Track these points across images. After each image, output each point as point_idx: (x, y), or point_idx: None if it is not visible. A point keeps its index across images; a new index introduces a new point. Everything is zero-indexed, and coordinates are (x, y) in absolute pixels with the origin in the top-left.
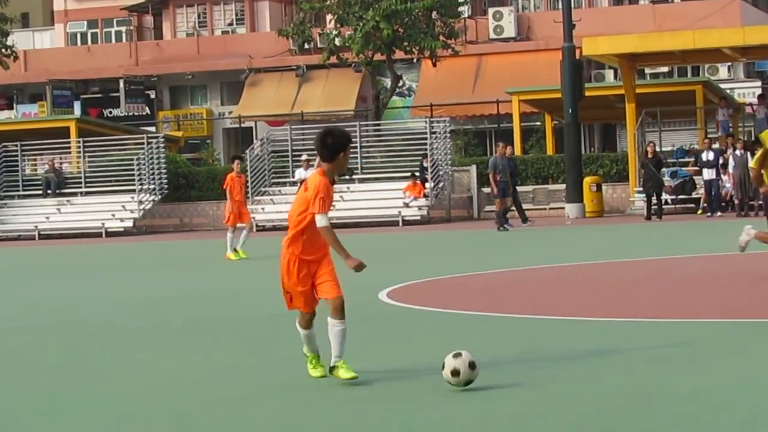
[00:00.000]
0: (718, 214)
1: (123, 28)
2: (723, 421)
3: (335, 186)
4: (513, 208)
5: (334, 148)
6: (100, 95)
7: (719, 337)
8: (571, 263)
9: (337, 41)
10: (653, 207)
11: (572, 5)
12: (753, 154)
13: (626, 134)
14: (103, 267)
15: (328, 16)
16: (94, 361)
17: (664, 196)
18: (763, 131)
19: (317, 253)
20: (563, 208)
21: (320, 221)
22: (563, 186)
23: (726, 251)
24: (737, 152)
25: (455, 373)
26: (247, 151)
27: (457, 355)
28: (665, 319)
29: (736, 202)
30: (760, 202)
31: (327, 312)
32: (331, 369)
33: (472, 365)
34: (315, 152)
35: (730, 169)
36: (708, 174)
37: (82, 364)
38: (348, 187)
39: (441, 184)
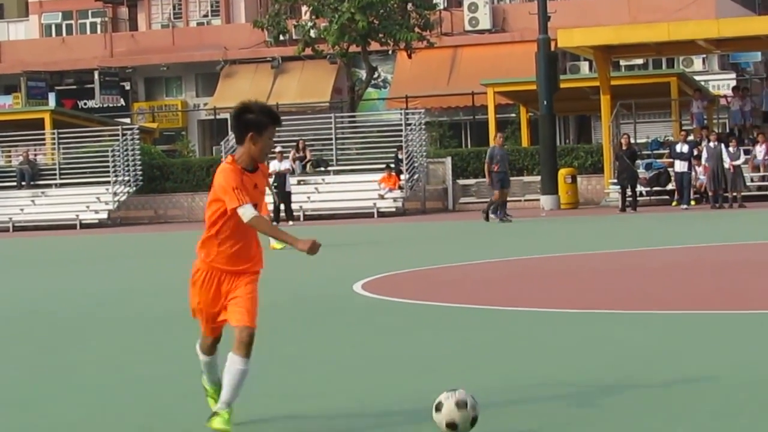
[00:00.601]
0: (685, 206)
1: (98, 20)
2: (696, 410)
3: (312, 177)
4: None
5: (245, 125)
6: (74, 87)
7: (692, 328)
8: (546, 255)
9: (312, 33)
10: (628, 199)
11: None
12: (727, 146)
13: (601, 126)
14: (78, 259)
15: (303, 8)
16: (67, 352)
17: (639, 188)
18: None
19: (240, 264)
20: (538, 199)
21: (244, 214)
22: (538, 178)
23: (700, 242)
24: (711, 144)
25: (452, 426)
26: (222, 143)
27: (461, 407)
28: (639, 310)
29: (710, 194)
30: (734, 193)
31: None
32: (211, 415)
33: (474, 422)
34: (291, 144)
35: (704, 161)
36: (680, 166)
37: (54, 356)
38: (323, 179)
39: (416, 176)
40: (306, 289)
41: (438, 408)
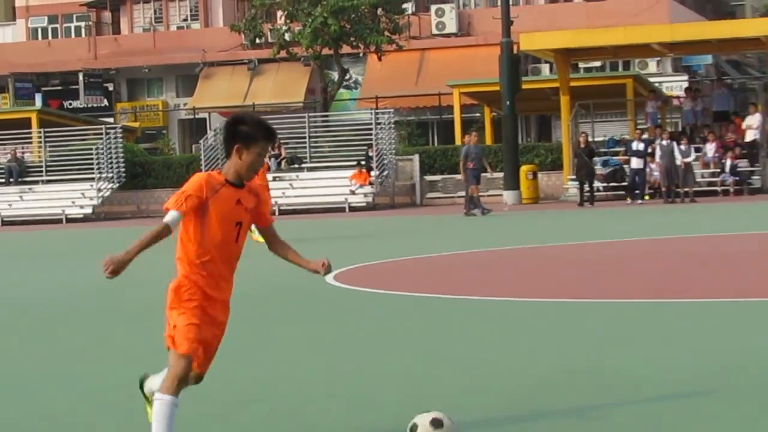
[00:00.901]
0: (640, 201)
1: (82, 24)
2: (647, 395)
3: (286, 173)
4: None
5: (233, 137)
6: (60, 87)
7: (645, 316)
8: (508, 247)
9: (287, 36)
10: (586, 194)
11: (510, 2)
12: (679, 144)
13: (561, 125)
14: (63, 252)
15: (279, 12)
16: (53, 341)
17: (596, 184)
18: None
19: (221, 293)
20: (501, 195)
21: (166, 218)
22: (501, 174)
23: (653, 235)
24: (663, 142)
25: None
26: (201, 141)
27: (437, 426)
28: (594, 299)
29: (663, 189)
30: (686, 189)
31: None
32: None
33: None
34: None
35: (657, 158)
36: (636, 163)
37: (39, 344)
38: (297, 176)
39: (385, 173)
40: (280, 280)
41: (413, 429)
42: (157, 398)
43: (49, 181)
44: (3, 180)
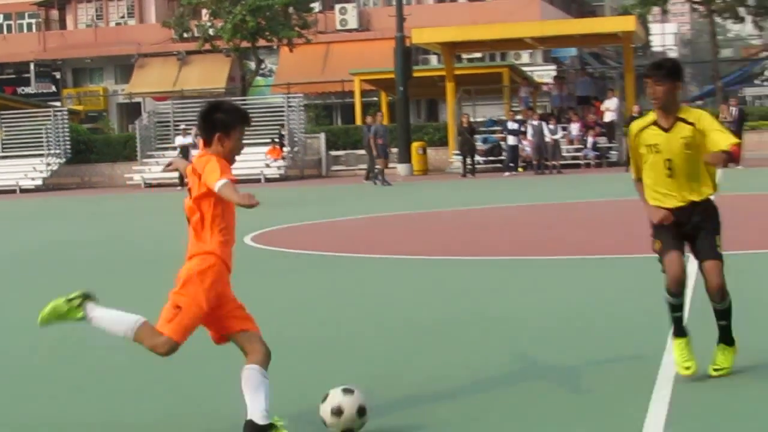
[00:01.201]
0: (514, 173)
1: (33, 20)
2: (521, 337)
3: None
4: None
5: (212, 126)
6: (14, 76)
7: (518, 271)
8: (402, 212)
9: (210, 31)
10: (468, 166)
11: (403, 2)
12: (548, 124)
13: (446, 107)
14: (18, 217)
15: (204, 11)
16: (5, 294)
17: (477, 158)
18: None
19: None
20: (395, 167)
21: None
22: (396, 149)
23: (527, 201)
24: (534, 122)
25: (337, 412)
26: (136, 122)
27: (347, 392)
28: (475, 257)
29: (535, 162)
30: (554, 162)
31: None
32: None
33: (361, 411)
34: (193, 122)
35: (529, 136)
36: (511, 140)
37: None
38: None
39: (296, 149)
40: (157, 249)
41: (324, 398)
42: (250, 368)
43: (4, 157)
44: None
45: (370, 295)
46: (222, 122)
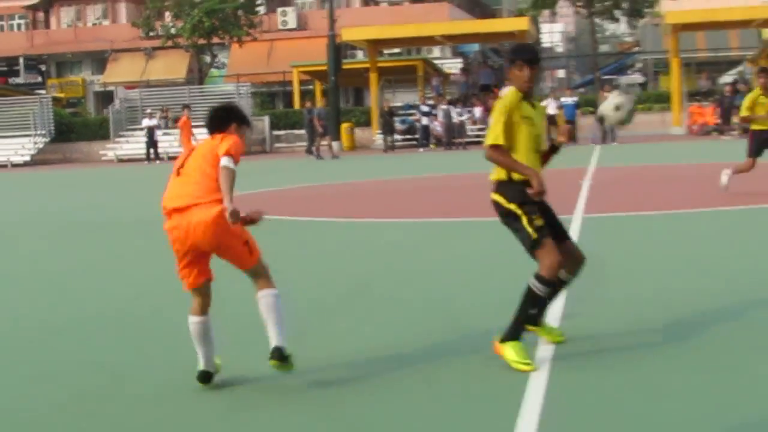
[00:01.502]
0: (427, 149)
1: (22, 21)
2: (434, 290)
3: (172, 130)
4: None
5: (229, 116)
6: (5, 68)
7: (434, 232)
8: (336, 182)
9: (173, 30)
10: (389, 143)
11: (334, 6)
12: (456, 107)
13: (370, 94)
14: (10, 188)
15: (167, 13)
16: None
17: (396, 136)
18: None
19: None
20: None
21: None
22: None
23: (438, 172)
24: (444, 106)
25: (618, 107)
26: (110, 107)
27: (621, 94)
28: (396, 219)
29: (444, 140)
30: (460, 140)
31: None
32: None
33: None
34: (157, 107)
35: (440, 118)
36: (425, 121)
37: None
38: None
39: None
40: (131, 214)
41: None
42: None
43: None
44: None
45: (306, 254)
46: (238, 115)
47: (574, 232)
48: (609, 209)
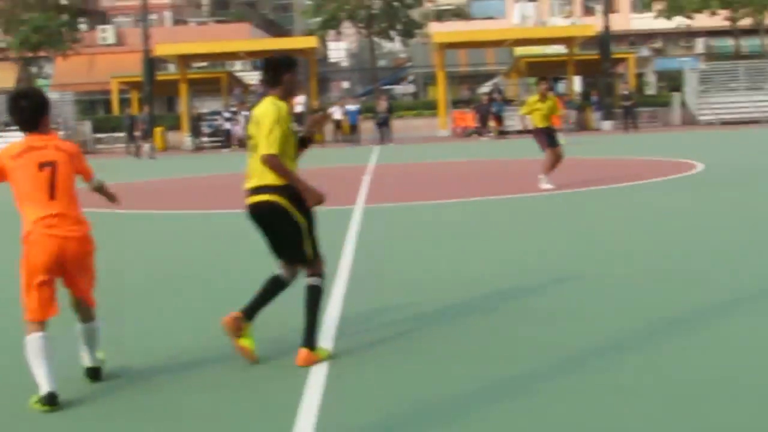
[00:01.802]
0: (231, 148)
1: None
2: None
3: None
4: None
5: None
6: None
7: (229, 221)
8: (154, 179)
9: (2, 44)
10: (198, 144)
11: (148, 25)
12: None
13: (180, 102)
14: None
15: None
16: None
17: (203, 138)
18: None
19: None
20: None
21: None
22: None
23: (239, 171)
24: (245, 112)
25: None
26: None
27: None
28: (198, 210)
29: (244, 142)
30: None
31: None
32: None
33: None
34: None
35: (241, 122)
36: (228, 125)
37: None
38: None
39: (68, 132)
40: None
41: None
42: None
43: None
44: None
45: (125, 244)
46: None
47: (355, 221)
48: (386, 200)
